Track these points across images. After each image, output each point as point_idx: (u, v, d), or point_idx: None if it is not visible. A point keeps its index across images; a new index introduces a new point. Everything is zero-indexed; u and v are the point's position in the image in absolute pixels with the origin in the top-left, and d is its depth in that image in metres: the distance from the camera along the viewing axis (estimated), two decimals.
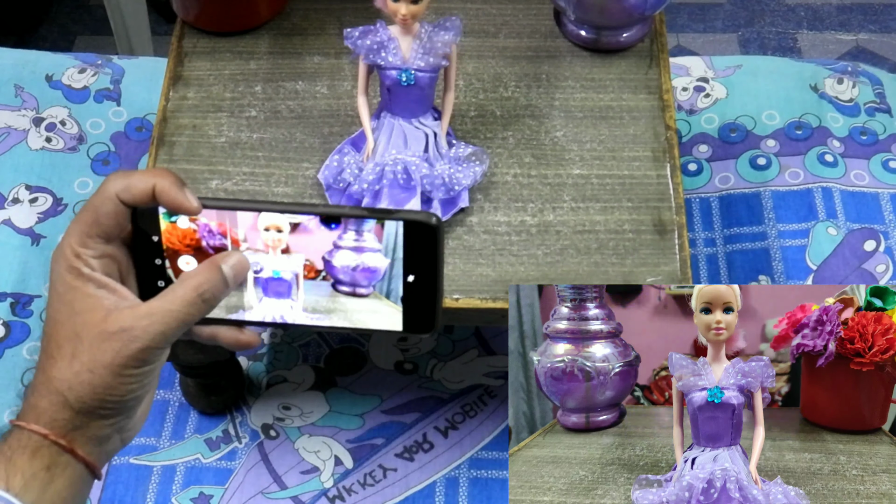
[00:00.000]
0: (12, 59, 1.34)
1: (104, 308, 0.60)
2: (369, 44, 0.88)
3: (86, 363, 0.59)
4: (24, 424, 0.60)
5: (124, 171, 0.62)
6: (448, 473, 1.05)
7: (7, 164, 1.24)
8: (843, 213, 1.21)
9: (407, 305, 0.66)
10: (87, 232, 0.61)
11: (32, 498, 0.58)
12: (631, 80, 1.03)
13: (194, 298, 0.61)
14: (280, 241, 0.65)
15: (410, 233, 0.64)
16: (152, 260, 0.64)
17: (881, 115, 1.31)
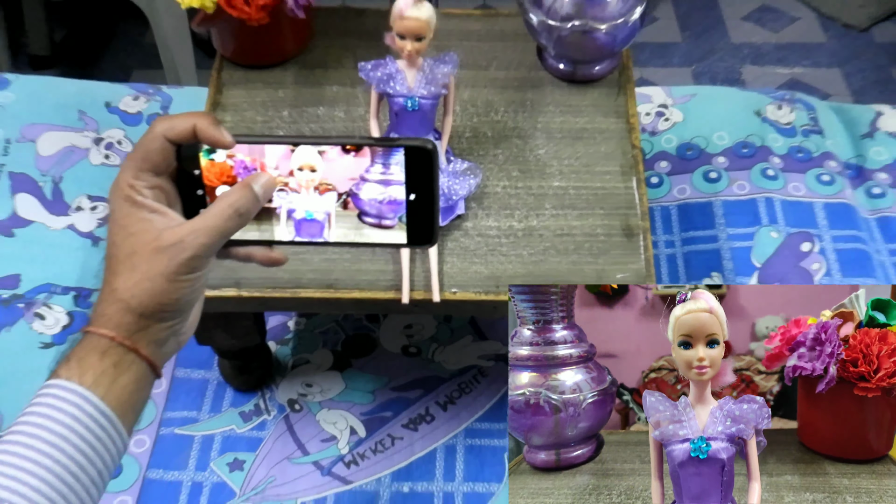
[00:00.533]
0: (77, 89, 1.34)
1: (156, 228, 0.61)
2: (380, 75, 0.88)
3: (144, 273, 0.60)
4: (93, 330, 0.60)
5: (169, 115, 0.63)
6: (447, 442, 1.04)
7: (71, 178, 1.23)
8: (783, 219, 1.21)
9: (410, 222, 0.66)
10: (139, 167, 0.61)
11: (102, 391, 0.58)
12: (602, 106, 1.02)
13: (231, 213, 0.62)
14: (313, 180, 0.65)
15: (410, 157, 0.64)
16: (194, 191, 0.65)
17: (814, 136, 1.30)
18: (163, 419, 1.06)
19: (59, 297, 1.13)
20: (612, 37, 0.98)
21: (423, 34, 0.84)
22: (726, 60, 2.38)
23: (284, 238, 0.67)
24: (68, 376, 0.58)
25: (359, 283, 0.88)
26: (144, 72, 2.29)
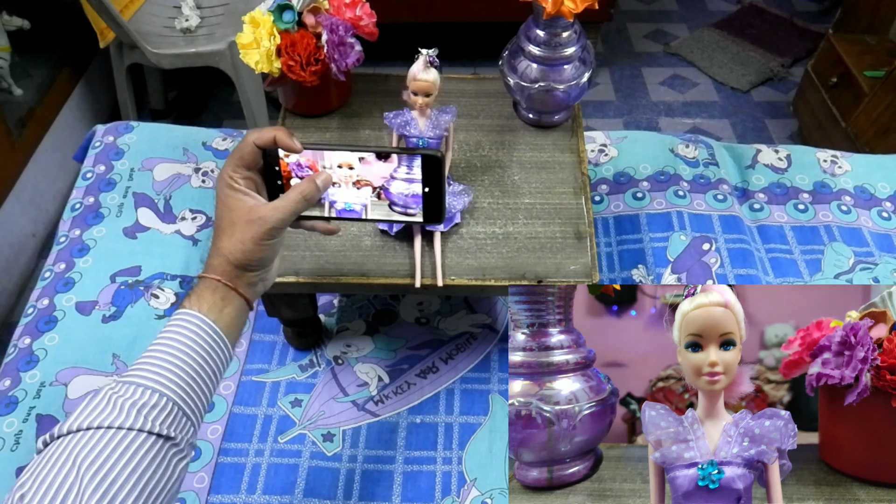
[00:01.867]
0: (183, 132, 1.32)
1: (248, 206, 0.63)
2: (399, 122, 0.87)
3: (239, 237, 0.62)
4: (205, 275, 0.63)
5: (257, 129, 0.65)
6: (448, 387, 1.03)
7: (178, 196, 1.22)
8: (689, 226, 1.19)
9: (425, 206, 0.68)
10: (237, 163, 0.64)
11: (214, 316, 0.61)
12: (560, 144, 1.00)
13: (300, 199, 0.64)
14: (351, 176, 0.65)
15: (426, 162, 0.66)
16: (275, 181, 0.67)
17: (712, 167, 1.29)
18: (243, 370, 1.04)
19: (168, 282, 1.11)
20: (567, 94, 0.96)
21: (430, 92, 0.83)
22: (647, 113, 2.36)
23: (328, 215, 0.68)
24: (191, 306, 0.61)
25: (384, 272, 0.87)
26: (232, 121, 2.28)
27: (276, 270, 0.69)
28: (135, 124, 1.32)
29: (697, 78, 2.50)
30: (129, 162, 1.26)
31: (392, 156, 0.65)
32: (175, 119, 2.27)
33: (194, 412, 0.58)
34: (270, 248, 0.64)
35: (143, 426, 0.54)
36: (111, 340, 1.04)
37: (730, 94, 2.44)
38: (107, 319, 1.06)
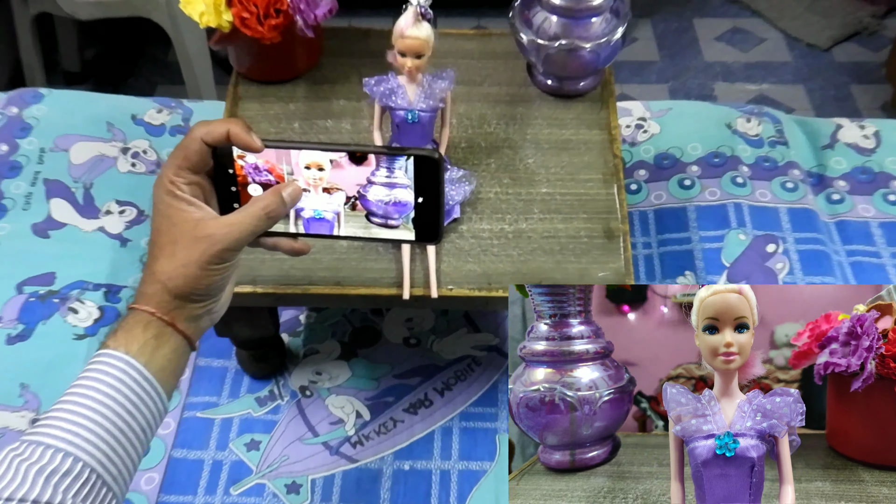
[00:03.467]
0: (106, 103, 1.34)
1: (194, 219, 0.63)
2: (383, 90, 0.88)
3: (181, 260, 0.62)
4: (137, 306, 0.63)
5: (207, 121, 0.65)
6: (444, 424, 1.05)
7: (101, 184, 1.24)
8: (750, 222, 1.21)
9: (418, 222, 0.67)
10: (180, 165, 0.63)
11: (145, 359, 0.61)
12: (586, 119, 1.02)
13: (262, 215, 0.64)
14: (321, 179, 0.66)
15: (419, 165, 0.65)
16: (228, 187, 0.67)
17: (780, 147, 1.31)
18: (186, 404, 1.06)
19: (90, 293, 1.13)
20: (595, 55, 0.99)
21: (422, 52, 0.85)
22: (699, 78, 2.38)
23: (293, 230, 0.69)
24: (116, 346, 0.61)
25: (364, 280, 0.89)
26: (168, 87, 2.30)
27: (228, 300, 0.68)
28: (44, 92, 1.34)
29: (764, 32, 2.52)
30: (39, 140, 1.28)
31: (369, 157, 0.66)
32: (95, 85, 2.29)
33: (117, 480, 0.58)
34: (220, 273, 0.64)
35: (52, 499, 0.54)
36: (19, 367, 1.06)
37: (805, 52, 2.46)
38: (13, 340, 1.09)
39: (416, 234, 0.68)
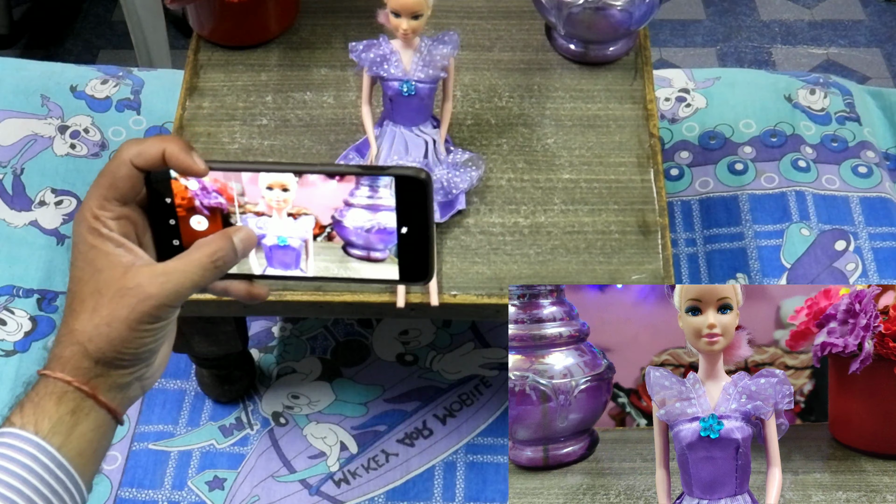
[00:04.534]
0: (39, 71, 1.34)
1: (122, 265, 0.61)
2: (373, 57, 0.88)
3: (104, 317, 0.60)
4: (49, 373, 0.60)
5: (137, 139, 0.63)
6: (446, 458, 1.05)
7: (34, 169, 1.24)
8: (815, 215, 1.22)
9: (402, 256, 0.65)
10: (105, 195, 0.61)
11: (59, 441, 0.59)
12: (617, 90, 1.03)
13: (208, 264, 0.62)
14: (286, 201, 0.64)
15: (402, 187, 0.63)
16: (167, 220, 0.65)
17: (851, 123, 1.31)
18: (136, 433, 1.07)
19: (21, 300, 1.14)
20: (628, 14, 0.99)
21: (420, 11, 0.85)
22: (754, 40, 2.38)
23: (255, 268, 0.66)
24: (22, 424, 0.59)
25: (350, 285, 0.89)
26: (113, 52, 2.29)
27: (164, 363, 0.67)
28: None
29: None
30: None
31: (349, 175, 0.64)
32: (25, 49, 2.29)
33: None
34: (153, 335, 0.62)
35: None
36: None
37: (882, 8, 2.46)
38: None
39: (401, 271, 0.65)
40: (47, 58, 1.41)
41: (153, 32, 2.00)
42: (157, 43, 2.02)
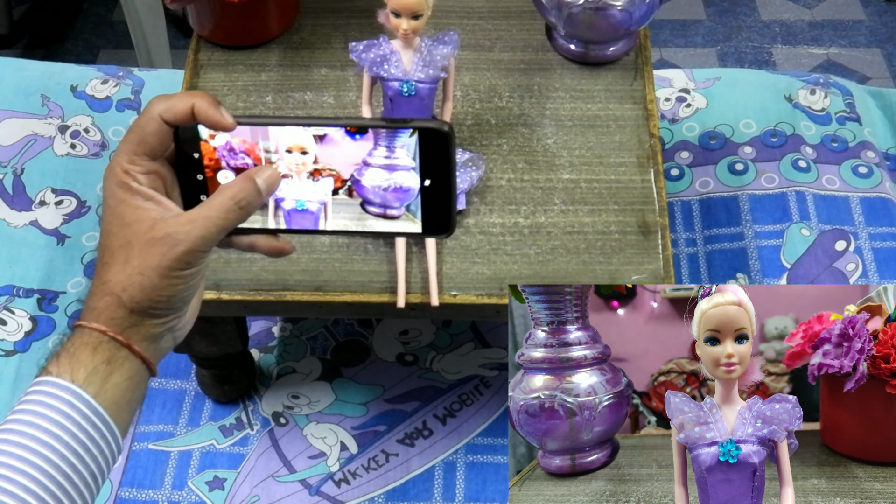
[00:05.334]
0: (39, 71, 1.34)
1: (151, 218, 0.61)
2: (373, 57, 0.88)
3: (136, 267, 0.61)
4: (84, 324, 0.61)
5: (166, 95, 0.63)
6: (446, 458, 1.05)
7: (34, 169, 1.24)
8: (815, 215, 1.22)
9: (424, 209, 0.66)
10: (135, 150, 0.62)
11: (95, 389, 0.60)
12: (617, 91, 1.03)
13: (231, 206, 0.62)
14: (305, 164, 0.65)
15: (425, 141, 0.64)
16: (194, 175, 0.66)
17: (851, 123, 1.31)
18: (136, 433, 1.07)
19: (21, 300, 1.14)
20: (628, 14, 0.99)
21: (420, 11, 0.85)
22: (755, 40, 2.38)
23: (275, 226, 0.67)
24: (59, 373, 0.60)
25: (350, 284, 0.89)
26: (113, 52, 2.30)
27: (195, 314, 0.68)
28: None
29: None
30: None
31: (369, 131, 0.65)
32: (26, 49, 2.29)
33: None
34: (185, 281, 0.63)
35: None
36: None
37: (883, 8, 2.46)
38: None
39: (424, 224, 0.66)
40: (47, 58, 1.41)
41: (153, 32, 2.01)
42: (157, 43, 2.03)
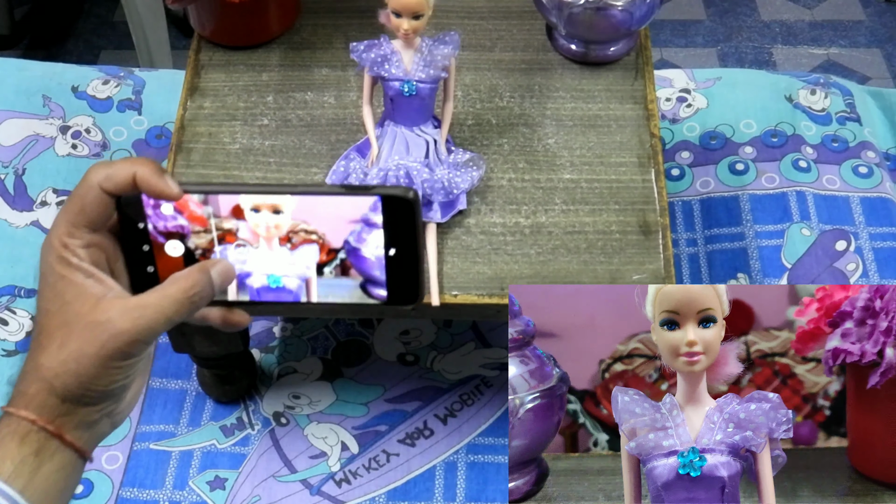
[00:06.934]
0: (40, 71, 1.34)
1: (93, 296, 0.57)
2: (374, 57, 0.88)
3: (73, 352, 0.56)
4: (13, 410, 0.57)
5: (106, 162, 0.59)
6: (447, 458, 1.05)
7: (35, 170, 1.24)
8: (815, 215, 1.21)
9: (389, 278, 0.59)
10: (74, 222, 0.58)
11: (22, 483, 0.56)
12: (618, 90, 1.03)
13: (183, 300, 0.58)
14: (279, 226, 0.55)
15: (389, 208, 0.57)
16: (140, 246, 0.60)
17: (851, 123, 1.31)
18: (137, 433, 1.07)
19: (23, 300, 1.14)
20: (629, 14, 0.99)
21: (420, 11, 0.85)
22: (755, 40, 2.38)
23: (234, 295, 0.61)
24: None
25: None
26: (114, 52, 2.30)
27: (137, 397, 0.62)
28: None
29: None
30: None
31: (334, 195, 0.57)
32: (27, 50, 2.29)
33: None
34: (124, 372, 0.58)
35: None
36: None
37: (883, 9, 2.46)
38: None
39: (389, 293, 0.59)
40: (49, 58, 1.41)
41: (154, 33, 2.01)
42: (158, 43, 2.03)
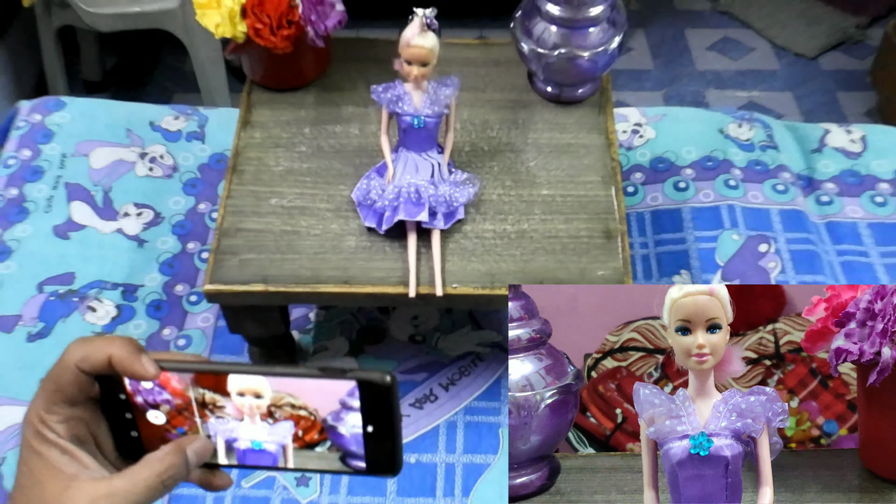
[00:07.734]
0: (125, 110, 1.33)
1: (66, 476, 0.48)
2: (390, 97, 0.88)
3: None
4: None
5: (84, 340, 0.50)
6: (449, 419, 1.04)
7: (119, 188, 1.23)
8: (743, 223, 1.20)
9: (368, 452, 0.50)
10: (52, 398, 0.49)
11: None
12: (585, 124, 1.02)
13: (156, 484, 0.49)
14: (260, 406, 0.49)
15: (366, 391, 0.48)
16: (122, 415, 0.51)
17: (770, 150, 1.30)
18: None
19: (108, 292, 1.13)
20: (593, 63, 0.98)
21: (427, 61, 0.84)
22: (692, 85, 2.38)
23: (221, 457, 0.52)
24: None
25: (371, 279, 0.88)
26: (184, 95, 2.29)
27: None
28: (66, 100, 1.34)
29: (753, 41, 2.51)
30: (60, 146, 1.27)
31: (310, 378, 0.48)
32: (114, 93, 2.29)
33: None
34: None
35: None
36: (38, 363, 1.05)
37: (793, 61, 2.45)
38: (33, 337, 1.08)
39: (369, 464, 0.51)
40: (131, 99, 1.40)
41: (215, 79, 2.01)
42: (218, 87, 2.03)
